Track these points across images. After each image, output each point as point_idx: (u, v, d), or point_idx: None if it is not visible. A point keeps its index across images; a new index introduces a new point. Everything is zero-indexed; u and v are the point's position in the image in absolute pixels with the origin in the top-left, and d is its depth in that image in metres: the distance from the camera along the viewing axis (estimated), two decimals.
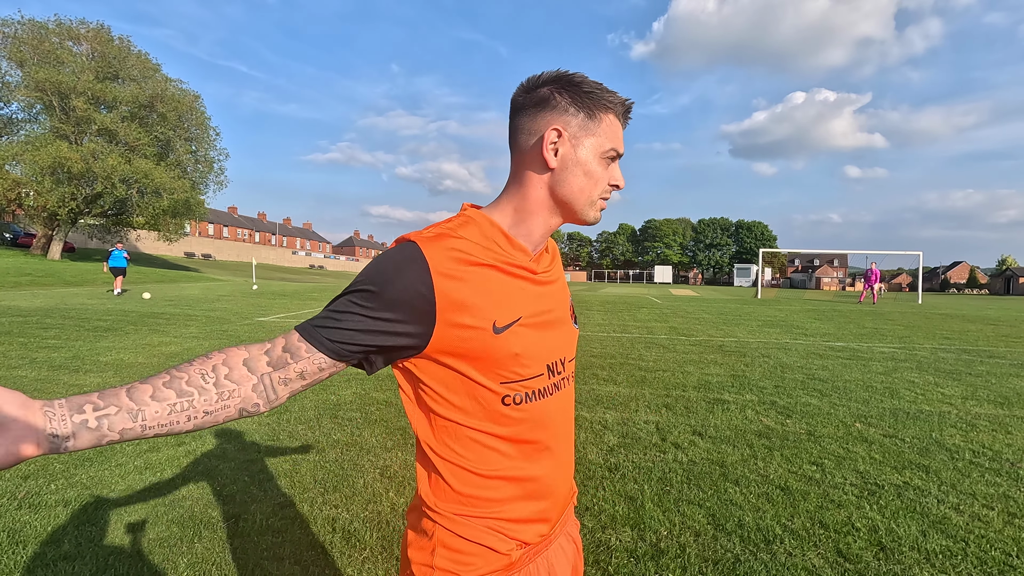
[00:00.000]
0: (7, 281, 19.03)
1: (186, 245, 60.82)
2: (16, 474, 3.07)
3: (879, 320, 14.55)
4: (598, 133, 0.86)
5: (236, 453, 3.49)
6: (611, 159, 0.89)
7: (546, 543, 0.94)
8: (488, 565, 0.85)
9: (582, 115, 0.85)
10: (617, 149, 0.88)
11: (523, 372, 0.85)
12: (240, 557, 2.29)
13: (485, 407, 0.84)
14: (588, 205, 0.88)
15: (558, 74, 0.87)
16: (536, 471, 0.89)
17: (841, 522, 2.68)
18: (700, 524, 2.65)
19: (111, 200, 29.58)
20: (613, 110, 0.87)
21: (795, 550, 2.41)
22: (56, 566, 2.19)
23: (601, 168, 0.88)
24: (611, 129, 0.87)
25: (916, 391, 5.69)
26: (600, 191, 0.89)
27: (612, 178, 0.90)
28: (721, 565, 2.29)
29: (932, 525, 2.68)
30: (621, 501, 2.89)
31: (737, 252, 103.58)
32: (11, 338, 7.56)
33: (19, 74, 28.13)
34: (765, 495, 3.00)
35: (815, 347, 8.92)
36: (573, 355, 0.99)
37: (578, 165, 0.86)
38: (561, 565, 0.97)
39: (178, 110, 32.05)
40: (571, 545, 1.02)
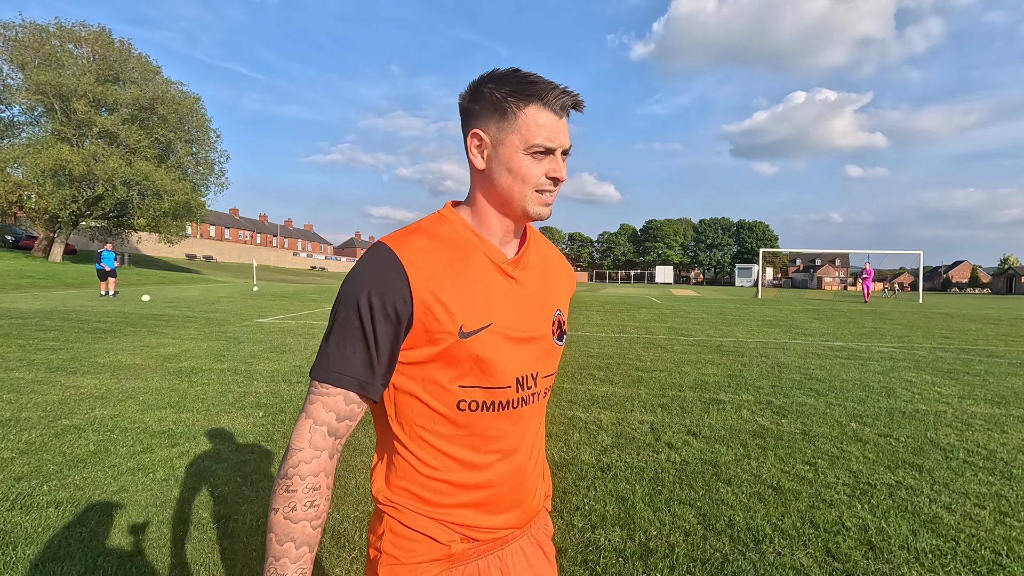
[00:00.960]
0: (8, 283, 19.08)
1: (187, 247, 60.89)
2: (10, 475, 3.08)
3: (879, 320, 14.52)
4: (517, 130, 0.83)
5: (230, 454, 3.50)
6: (539, 153, 0.84)
7: (499, 544, 0.94)
8: (428, 554, 0.87)
9: (497, 115, 0.85)
10: (544, 144, 0.84)
11: (486, 381, 0.85)
12: (228, 557, 2.30)
13: (438, 409, 0.85)
14: (524, 201, 0.86)
15: (481, 77, 0.87)
16: (486, 479, 0.89)
17: (832, 522, 2.68)
18: (690, 524, 2.65)
19: (112, 202, 29.61)
20: (535, 103, 0.83)
21: (784, 549, 2.41)
22: (45, 567, 2.19)
23: (529, 163, 0.84)
24: (533, 123, 0.83)
25: (913, 390, 5.68)
26: (533, 186, 0.85)
27: (548, 171, 0.86)
28: (710, 565, 2.29)
29: (923, 524, 2.67)
30: (612, 501, 2.89)
31: (738, 252, 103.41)
32: (10, 340, 7.58)
33: (20, 77, 28.21)
34: (757, 495, 3.00)
35: (814, 347, 8.91)
36: (551, 371, 0.96)
37: (501, 164, 0.86)
38: (519, 568, 0.96)
39: (179, 112, 32.08)
40: (537, 551, 1.00)
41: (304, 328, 9.99)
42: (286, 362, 6.56)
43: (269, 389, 5.21)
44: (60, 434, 3.79)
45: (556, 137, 0.84)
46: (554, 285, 0.99)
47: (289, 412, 4.45)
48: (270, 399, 4.84)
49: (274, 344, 7.94)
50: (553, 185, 0.87)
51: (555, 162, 0.86)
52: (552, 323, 0.95)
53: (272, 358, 6.80)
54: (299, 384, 5.45)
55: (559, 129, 0.85)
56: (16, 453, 3.42)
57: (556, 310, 0.97)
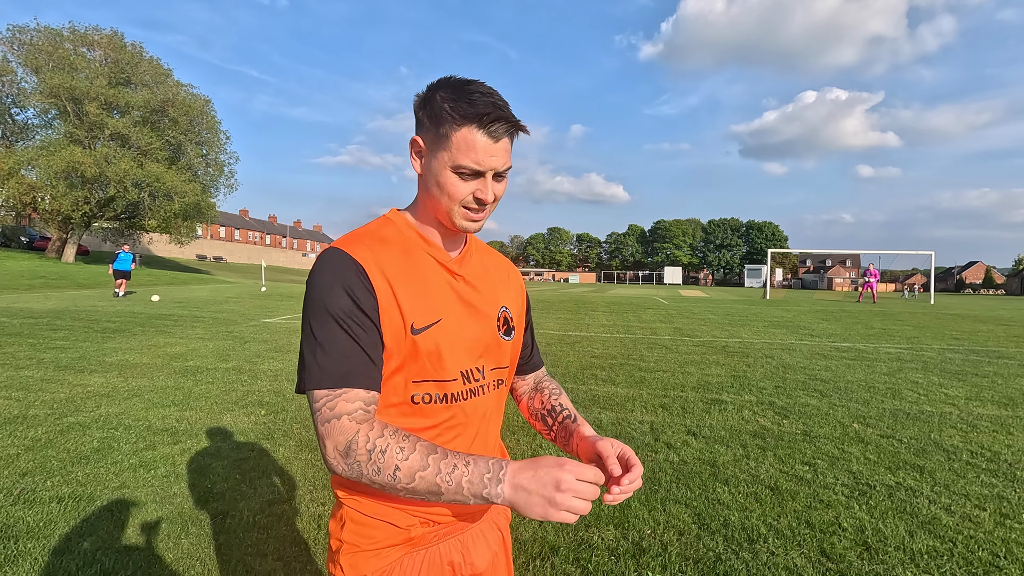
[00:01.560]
0: (21, 284, 19.37)
1: (197, 248, 61.50)
2: (15, 471, 3.13)
3: (888, 321, 14.38)
4: (448, 148, 0.84)
5: (230, 451, 3.54)
6: (466, 174, 0.85)
7: (459, 528, 0.96)
8: (388, 539, 0.89)
9: (434, 128, 0.86)
10: (471, 167, 0.84)
11: (436, 374, 0.88)
12: (224, 553, 2.32)
13: (393, 402, 0.88)
14: (451, 214, 0.88)
15: (434, 84, 0.89)
16: None
17: (828, 522, 2.67)
18: (684, 523, 2.64)
19: (123, 203, 30.01)
20: (469, 124, 0.82)
21: (778, 549, 2.40)
22: (46, 560, 2.23)
23: (456, 181, 0.85)
24: (464, 144, 0.83)
25: (919, 392, 5.62)
26: (458, 203, 0.87)
27: (475, 191, 0.86)
28: (702, 564, 2.29)
29: (921, 525, 2.65)
30: None
31: (748, 253, 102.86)
32: (21, 339, 7.69)
33: (34, 80, 28.66)
34: (754, 495, 2.99)
35: (820, 348, 8.84)
36: (500, 365, 0.98)
37: (431, 176, 0.88)
38: (479, 551, 0.99)
39: (189, 114, 32.45)
40: (495, 533, 1.04)
41: None
42: (290, 361, 6.61)
43: (272, 388, 5.26)
44: (65, 431, 3.85)
45: (486, 161, 0.84)
46: (497, 284, 1.01)
47: (291, 411, 4.49)
48: (272, 398, 4.89)
49: (279, 344, 8.00)
50: (478, 205, 0.87)
51: (483, 184, 0.86)
52: (498, 319, 0.97)
53: (277, 357, 6.86)
54: None
55: (492, 152, 0.84)
56: (22, 449, 3.48)
57: (501, 307, 0.99)
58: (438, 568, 0.93)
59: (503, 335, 0.98)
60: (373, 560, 0.88)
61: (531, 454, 3.61)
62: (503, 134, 0.85)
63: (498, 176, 0.88)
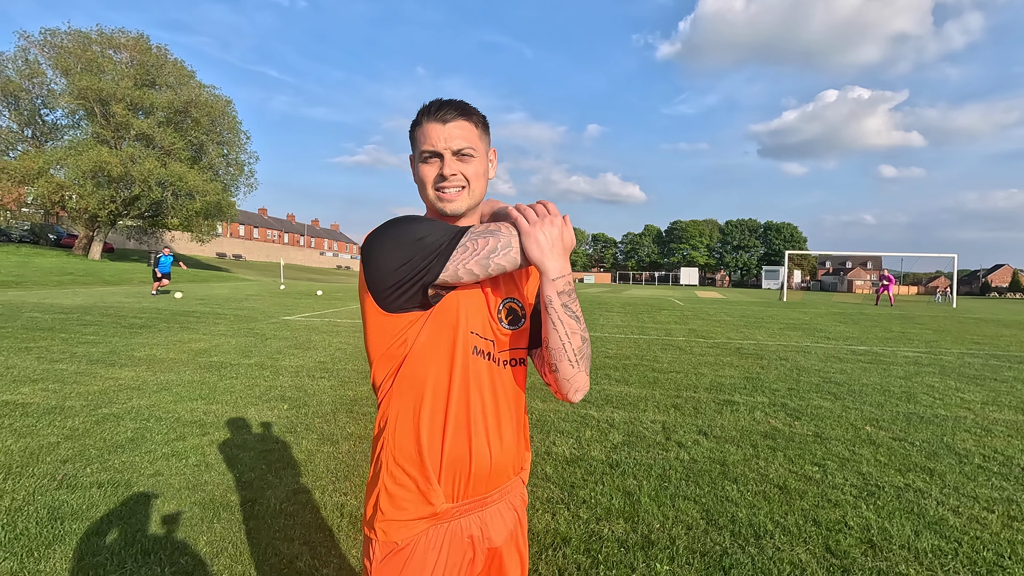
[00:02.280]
0: (51, 280, 19.95)
1: (218, 246, 62.59)
2: (56, 458, 3.32)
3: (908, 324, 14.20)
4: (416, 142, 1.06)
5: (255, 443, 3.69)
6: (429, 157, 1.04)
7: (480, 505, 1.07)
8: (417, 512, 1.01)
9: (412, 136, 1.09)
10: (428, 149, 1.04)
11: None
12: (254, 537, 2.46)
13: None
14: (432, 201, 1.07)
15: None
16: (457, 440, 1.02)
17: (834, 520, 2.73)
18: (693, 518, 2.72)
19: (147, 202, 30.72)
20: (423, 119, 1.05)
21: (784, 545, 2.47)
22: (89, 540, 2.39)
23: (424, 168, 1.05)
24: (424, 134, 1.04)
25: (934, 396, 5.61)
26: (431, 187, 1.05)
27: (439, 171, 1.04)
28: (708, 557, 2.37)
29: (927, 526, 2.70)
30: (618, 495, 2.98)
31: (765, 254, 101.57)
32: (54, 334, 7.99)
33: (64, 82, 29.46)
34: (762, 493, 3.05)
35: (836, 351, 8.80)
36: (510, 347, 1.10)
37: (416, 176, 1.09)
38: (496, 527, 1.10)
39: (211, 115, 33.10)
40: (512, 514, 1.15)
41: (329, 326, 10.26)
42: (310, 358, 6.79)
43: (293, 384, 5.42)
44: (101, 422, 4.04)
45: (439, 142, 1.03)
46: (498, 278, 1.11)
47: (312, 406, 4.64)
48: (294, 393, 5.05)
49: (299, 341, 8.20)
50: (444, 180, 1.04)
51: (444, 165, 1.04)
52: (501, 311, 1.10)
53: (297, 354, 7.04)
54: (323, 379, 5.65)
55: (442, 134, 1.03)
56: (62, 438, 3.67)
57: (503, 299, 1.11)
58: (459, 540, 1.04)
59: (507, 326, 1.12)
60: (403, 529, 1.00)
61: (578, 456, 3.71)
62: (452, 118, 1.03)
63: (460, 155, 1.04)
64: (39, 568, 2.18)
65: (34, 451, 3.42)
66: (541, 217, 1.00)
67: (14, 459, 3.28)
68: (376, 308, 0.99)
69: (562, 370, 1.03)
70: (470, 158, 1.04)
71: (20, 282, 18.38)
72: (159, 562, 2.24)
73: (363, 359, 6.84)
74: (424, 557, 1.01)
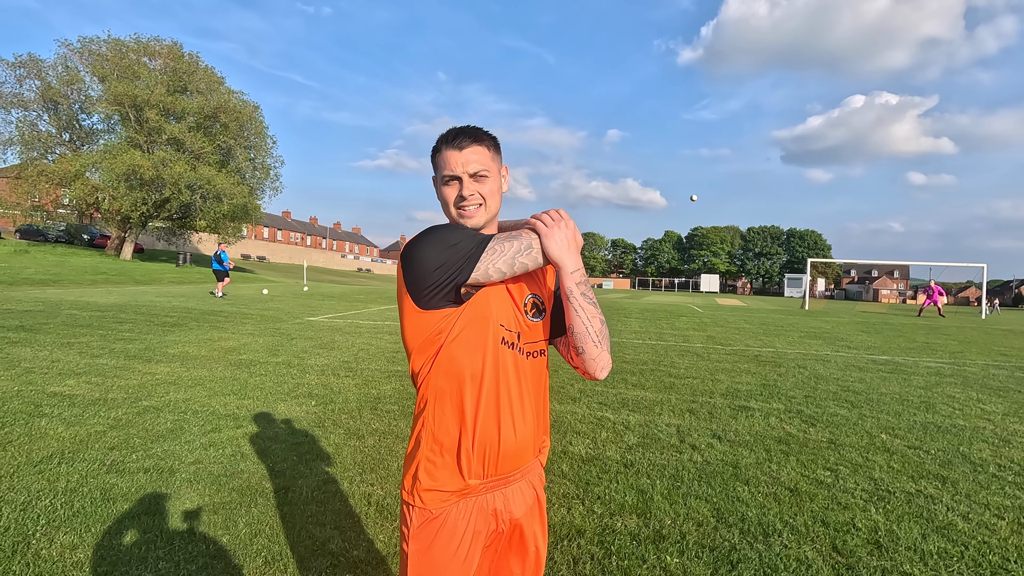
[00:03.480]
0: (85, 279, 20.69)
1: (243, 247, 63.89)
2: (104, 445, 3.55)
3: (933, 334, 13.97)
4: (438, 167, 1.24)
5: (286, 436, 3.89)
6: (450, 180, 1.20)
7: (504, 483, 1.21)
8: (452, 484, 1.16)
9: (434, 161, 1.26)
10: (448, 174, 1.20)
11: None
12: (288, 521, 2.64)
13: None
14: (453, 217, 1.22)
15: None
16: (486, 423, 1.16)
17: (843, 522, 2.80)
18: (703, 516, 2.83)
19: (177, 204, 31.59)
20: (441, 146, 1.21)
21: (791, 543, 2.57)
22: (140, 519, 2.59)
23: (445, 190, 1.21)
24: (444, 160, 1.21)
25: (954, 406, 5.59)
26: (453, 207, 1.21)
27: (459, 193, 1.20)
28: (717, 552, 2.48)
29: (935, 530, 2.76)
30: (632, 493, 3.09)
31: (788, 261, 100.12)
32: (92, 330, 8.37)
33: (100, 88, 30.55)
34: (773, 495, 3.14)
35: (856, 360, 8.75)
36: (533, 339, 1.25)
37: (439, 192, 1.25)
38: (517, 504, 1.24)
39: (239, 120, 33.94)
40: (531, 491, 1.29)
41: (351, 327, 10.52)
42: (335, 358, 7.02)
43: (320, 382, 5.64)
44: (142, 413, 4.28)
45: (457, 167, 1.19)
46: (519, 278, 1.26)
47: (338, 403, 4.84)
48: (321, 390, 5.26)
49: (324, 341, 8.45)
50: (463, 200, 1.19)
51: (463, 187, 1.19)
52: (525, 304, 1.26)
53: (322, 354, 7.28)
54: (347, 378, 5.86)
55: (459, 160, 1.19)
56: (107, 427, 3.92)
57: (527, 295, 1.26)
58: (484, 512, 1.19)
59: (531, 318, 1.27)
60: (438, 499, 1.15)
61: (594, 456, 3.84)
62: (467, 144, 1.19)
63: (476, 177, 1.19)
64: (97, 542, 2.38)
65: (83, 439, 3.66)
66: (556, 221, 1.18)
67: (65, 445, 3.53)
68: (413, 306, 1.14)
69: (588, 351, 1.19)
70: (484, 178, 1.20)
71: (57, 281, 19.11)
72: (203, 540, 2.43)
73: (386, 360, 7.04)
74: (456, 525, 1.16)
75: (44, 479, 3.00)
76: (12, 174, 30.69)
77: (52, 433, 3.75)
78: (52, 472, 3.10)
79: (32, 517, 2.57)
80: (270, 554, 2.36)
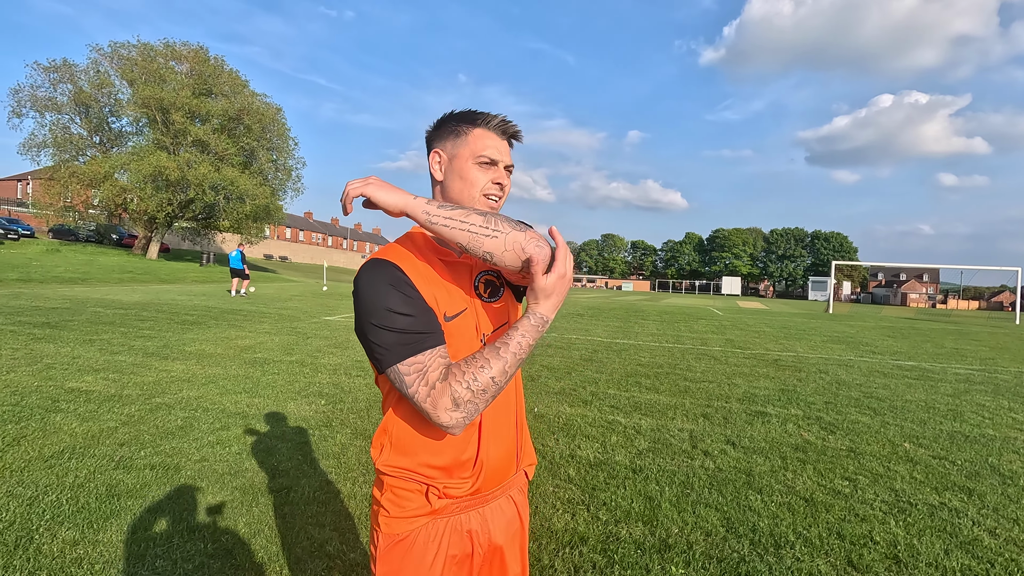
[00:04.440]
0: (112, 277, 21.21)
1: (265, 247, 64.96)
2: (115, 441, 3.59)
3: (963, 340, 13.52)
4: (468, 143, 1.07)
5: (294, 435, 3.89)
6: (486, 163, 1.07)
7: (480, 502, 1.10)
8: (417, 509, 1.05)
9: (453, 135, 1.09)
10: (490, 156, 1.06)
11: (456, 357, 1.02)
12: (288, 521, 2.62)
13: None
14: (472, 202, 1.07)
15: (443, 115, 1.12)
16: (460, 444, 1.05)
17: (860, 535, 2.68)
18: (712, 525, 2.73)
19: (201, 205, 32.27)
20: (483, 125, 1.07)
21: (804, 556, 2.46)
22: (142, 516, 2.60)
23: (476, 172, 1.07)
24: (481, 140, 1.07)
25: (984, 415, 5.36)
26: (479, 190, 1.07)
27: (493, 178, 1.08)
28: (725, 563, 2.38)
29: (959, 545, 2.62)
30: (639, 499, 3.01)
31: (813, 264, 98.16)
32: (114, 328, 8.54)
33: (129, 92, 31.35)
34: (787, 504, 3.02)
35: (881, 365, 8.48)
36: (498, 322, 1.12)
37: (454, 173, 1.08)
38: (497, 523, 1.13)
39: (262, 122, 34.50)
40: (511, 506, 1.17)
41: None
42: (348, 357, 7.04)
43: (331, 381, 5.65)
44: (154, 410, 4.33)
45: (499, 153, 1.08)
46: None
47: (347, 402, 4.83)
48: (331, 390, 5.26)
49: (339, 340, 8.49)
50: (499, 190, 1.09)
51: (499, 171, 1.08)
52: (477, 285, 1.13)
53: (336, 353, 7.31)
54: (358, 377, 5.86)
55: (502, 148, 1.09)
56: (119, 423, 3.96)
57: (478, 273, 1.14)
58: (459, 533, 1.08)
59: (487, 299, 1.13)
60: (405, 524, 1.05)
61: (602, 460, 3.77)
62: (509, 134, 1.10)
63: (507, 169, 1.10)
64: (97, 538, 2.39)
65: (95, 434, 3.71)
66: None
67: (78, 440, 3.57)
68: None
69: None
70: (510, 175, 1.13)
71: (86, 279, 19.62)
72: (202, 539, 2.42)
73: None
74: (424, 548, 1.05)
75: (53, 474, 3.04)
76: (45, 175, 31.69)
77: (66, 428, 3.80)
78: (62, 467, 3.13)
79: (37, 512, 2.59)
80: (267, 554, 2.34)
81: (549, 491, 3.10)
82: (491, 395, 0.96)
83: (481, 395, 0.94)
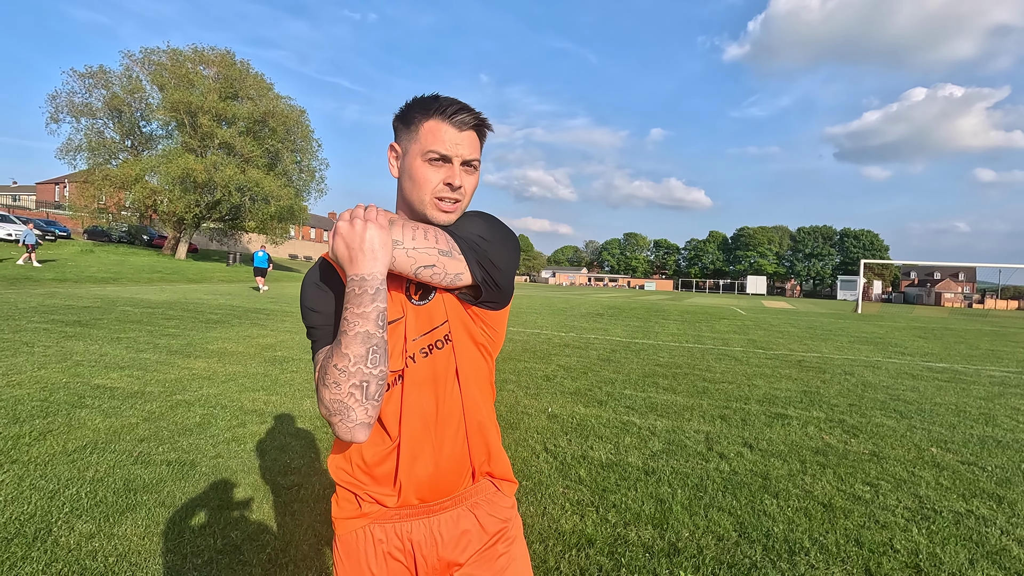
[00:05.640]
0: (142, 277, 21.82)
1: (290, 247, 66.05)
2: (134, 437, 3.67)
3: (1000, 341, 13.03)
4: (417, 139, 0.96)
5: (307, 433, 3.93)
6: (434, 160, 0.95)
7: (423, 512, 1.05)
8: (352, 512, 1.04)
9: (405, 127, 0.99)
10: (440, 151, 0.94)
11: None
12: (297, 518, 2.64)
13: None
14: (424, 207, 0.97)
15: (403, 105, 1.01)
16: (376, 454, 1.02)
17: (879, 543, 2.59)
18: (725, 530, 2.67)
19: (227, 206, 32.96)
20: (436, 115, 0.94)
21: (819, 563, 2.38)
22: (156, 511, 2.65)
23: (426, 170, 0.95)
24: (431, 133, 0.95)
25: (1018, 419, 5.16)
26: (430, 192, 0.96)
27: (445, 178, 0.95)
28: (736, 569, 2.32)
29: (985, 555, 2.51)
30: (650, 502, 2.96)
31: (842, 263, 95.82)
32: (141, 326, 8.77)
33: (159, 96, 32.21)
34: (803, 510, 2.94)
35: (910, 367, 8.22)
36: (428, 326, 1.01)
37: (405, 172, 0.99)
38: (449, 533, 1.06)
39: (286, 124, 35.11)
40: (469, 518, 1.08)
41: None
42: None
43: None
44: (175, 407, 4.42)
45: (452, 147, 0.95)
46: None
47: None
48: None
49: None
50: (451, 191, 0.96)
51: (451, 171, 0.96)
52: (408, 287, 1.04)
53: None
54: None
55: (457, 140, 0.95)
56: (140, 420, 4.06)
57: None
58: (400, 539, 1.04)
59: (414, 298, 1.03)
60: (345, 524, 1.05)
61: (614, 462, 3.73)
62: (468, 126, 0.96)
63: (466, 165, 0.97)
64: (112, 532, 2.44)
65: (117, 430, 3.80)
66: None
67: (100, 436, 3.67)
68: None
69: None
70: (474, 171, 0.99)
71: (117, 279, 20.21)
72: (213, 535, 2.46)
73: None
74: (358, 549, 1.03)
75: (75, 468, 3.12)
76: (81, 179, 32.72)
77: (90, 424, 3.91)
78: (84, 462, 3.22)
79: (57, 505, 2.67)
80: (274, 551, 2.36)
81: (559, 492, 3.07)
82: (352, 385, 0.87)
83: (336, 388, 0.87)
